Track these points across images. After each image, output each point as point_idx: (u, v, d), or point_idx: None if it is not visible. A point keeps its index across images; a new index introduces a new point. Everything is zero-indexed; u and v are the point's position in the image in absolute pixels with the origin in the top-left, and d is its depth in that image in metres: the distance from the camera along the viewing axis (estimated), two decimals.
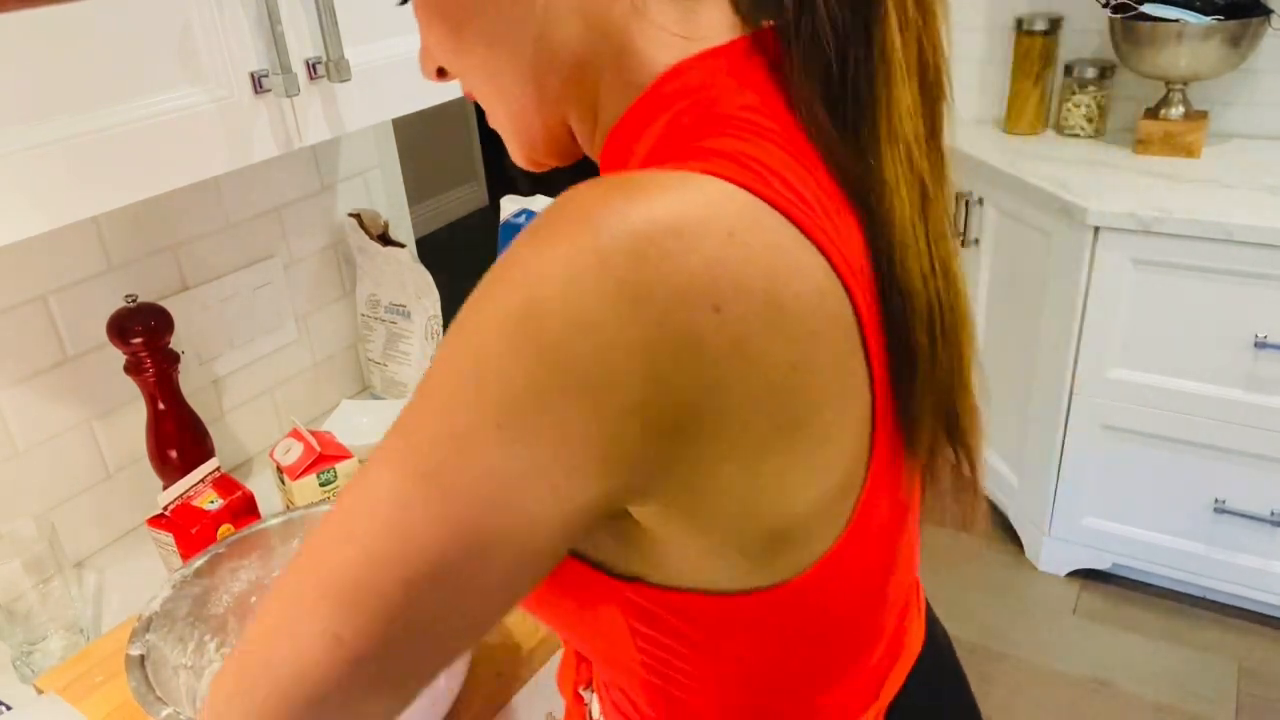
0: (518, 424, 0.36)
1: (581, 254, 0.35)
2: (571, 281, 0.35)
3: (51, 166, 0.66)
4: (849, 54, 0.42)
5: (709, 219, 0.36)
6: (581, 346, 0.35)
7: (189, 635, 0.86)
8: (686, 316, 0.35)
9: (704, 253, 0.36)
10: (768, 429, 0.39)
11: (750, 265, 0.37)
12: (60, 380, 1.05)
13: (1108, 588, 2.15)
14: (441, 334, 1.34)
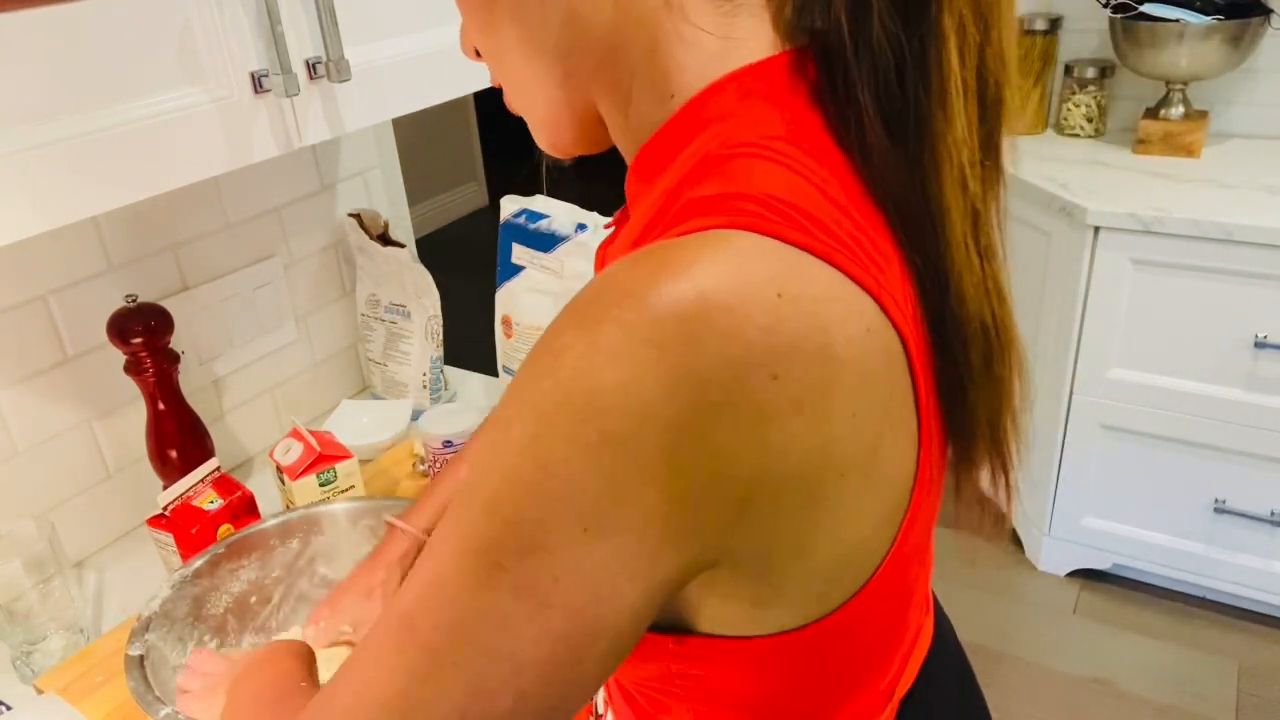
0: (601, 523, 0.36)
1: (637, 345, 0.35)
2: (632, 376, 0.35)
3: (51, 166, 0.66)
4: (905, 74, 0.41)
5: (757, 284, 0.36)
6: (650, 437, 0.35)
7: (188, 635, 0.86)
8: (747, 390, 0.35)
9: (757, 322, 0.35)
10: (831, 477, 0.39)
11: (802, 323, 0.36)
12: (60, 380, 1.05)
13: (1108, 588, 2.15)
14: (441, 334, 1.34)
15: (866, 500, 0.41)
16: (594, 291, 0.37)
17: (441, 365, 1.38)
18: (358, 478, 1.07)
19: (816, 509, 0.40)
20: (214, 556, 0.89)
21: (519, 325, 1.22)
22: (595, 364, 0.35)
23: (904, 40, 0.40)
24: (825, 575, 0.43)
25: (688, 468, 0.36)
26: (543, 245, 1.18)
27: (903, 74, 0.41)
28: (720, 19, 0.45)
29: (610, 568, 0.36)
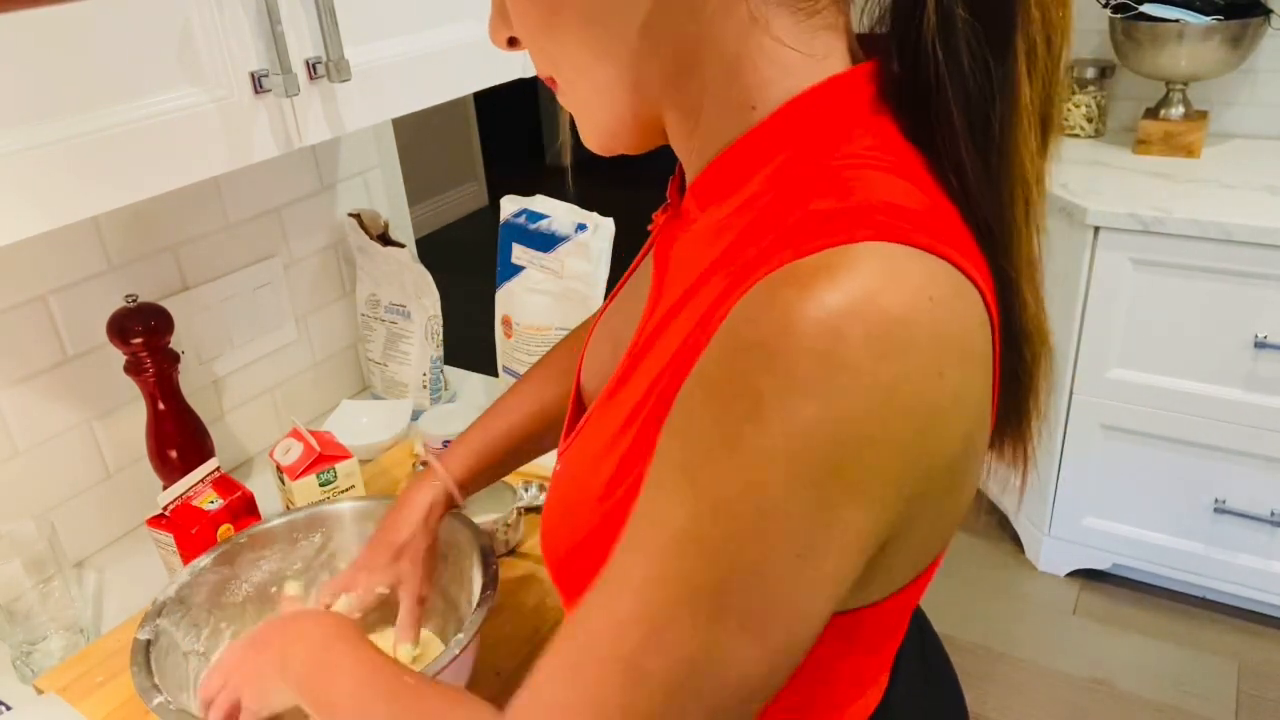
0: (814, 549, 0.39)
1: (834, 372, 0.37)
2: (834, 405, 0.37)
3: (51, 166, 0.66)
4: (992, 98, 0.44)
5: (913, 291, 0.38)
6: (858, 459, 0.38)
7: (204, 621, 0.85)
8: (926, 394, 0.39)
9: (926, 328, 0.38)
10: (968, 463, 0.44)
11: (952, 323, 0.40)
12: (60, 380, 1.05)
13: (1108, 588, 2.15)
14: (441, 334, 1.35)
15: (971, 480, 0.45)
16: (770, 327, 0.38)
17: (441, 365, 1.38)
18: (358, 478, 1.07)
19: (954, 492, 0.44)
20: (234, 545, 0.89)
21: (519, 325, 1.22)
22: (797, 402, 0.37)
23: (991, 64, 0.43)
24: (922, 552, 0.47)
25: (887, 477, 0.39)
26: (543, 245, 1.18)
27: (988, 98, 0.44)
28: (802, 34, 0.46)
29: (818, 586, 0.40)
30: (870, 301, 0.37)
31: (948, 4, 0.43)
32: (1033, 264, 0.48)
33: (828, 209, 0.41)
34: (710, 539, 0.39)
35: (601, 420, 0.53)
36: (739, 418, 0.38)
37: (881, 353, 0.37)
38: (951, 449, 0.41)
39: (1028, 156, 0.45)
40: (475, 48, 0.97)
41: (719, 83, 0.47)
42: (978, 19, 0.43)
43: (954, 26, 0.43)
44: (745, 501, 0.38)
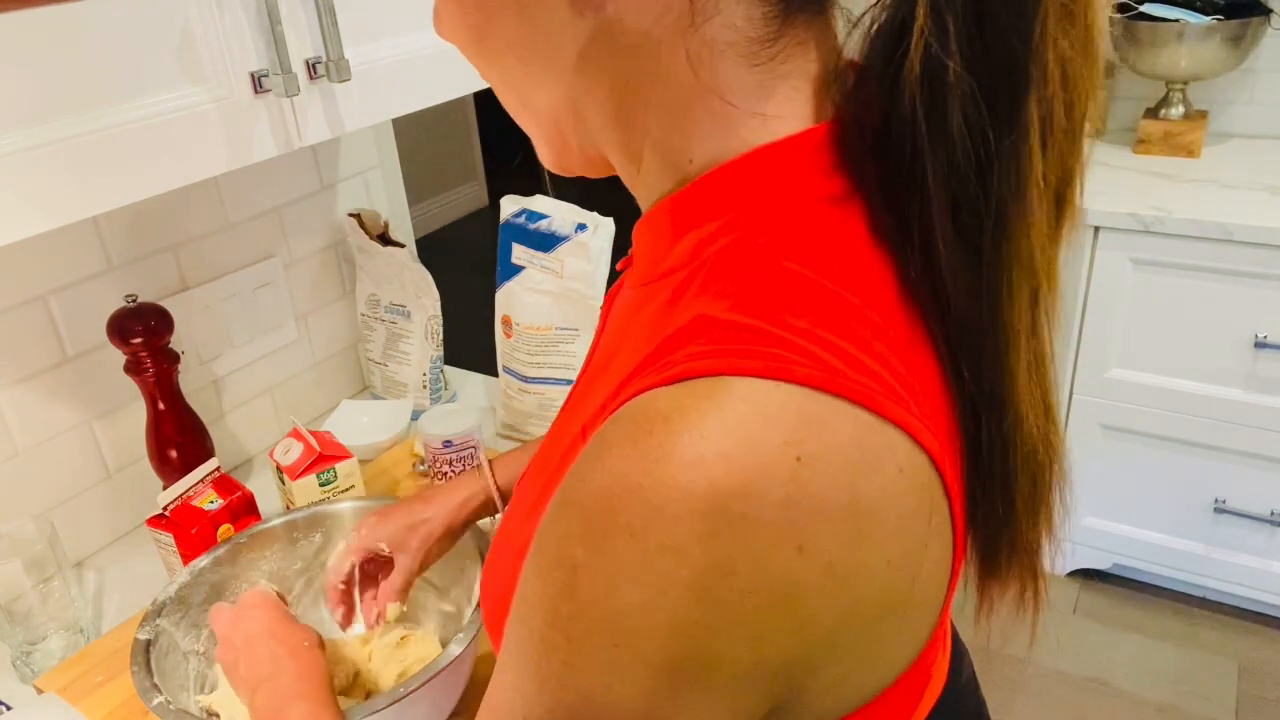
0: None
1: (653, 555, 0.32)
2: (656, 591, 0.32)
3: (51, 166, 0.66)
4: (988, 172, 0.35)
5: (771, 451, 0.32)
6: (684, 647, 0.33)
7: (204, 622, 0.85)
8: (774, 572, 0.33)
9: (775, 498, 0.32)
10: (868, 626, 0.36)
11: (825, 484, 0.33)
12: (60, 380, 1.05)
13: (1108, 588, 2.15)
14: (441, 334, 1.35)
15: (903, 633, 0.39)
16: (596, 485, 0.33)
17: (441, 365, 1.38)
18: (358, 478, 1.07)
19: (860, 650, 0.37)
20: (235, 546, 0.89)
21: (519, 325, 1.22)
22: (614, 586, 0.33)
23: (990, 132, 0.35)
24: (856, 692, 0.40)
25: (738, 667, 0.34)
26: (543, 245, 1.18)
27: (984, 173, 0.35)
28: (751, 86, 0.40)
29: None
30: (704, 472, 0.31)
31: (936, 51, 0.34)
32: (1040, 367, 0.40)
33: (713, 319, 0.36)
34: (535, 714, 0.36)
35: (529, 481, 0.51)
36: (556, 592, 0.34)
37: (711, 532, 0.31)
38: (835, 621, 0.35)
39: (1038, 245, 0.37)
40: None
41: (659, 129, 0.42)
42: (976, 76, 0.34)
43: (942, 80, 0.35)
44: (568, 688, 0.34)
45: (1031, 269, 0.37)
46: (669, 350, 0.36)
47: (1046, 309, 0.39)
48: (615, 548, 0.33)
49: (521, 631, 0.36)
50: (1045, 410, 0.41)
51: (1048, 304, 0.39)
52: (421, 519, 0.84)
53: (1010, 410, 0.39)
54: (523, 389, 1.25)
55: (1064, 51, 0.35)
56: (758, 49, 0.39)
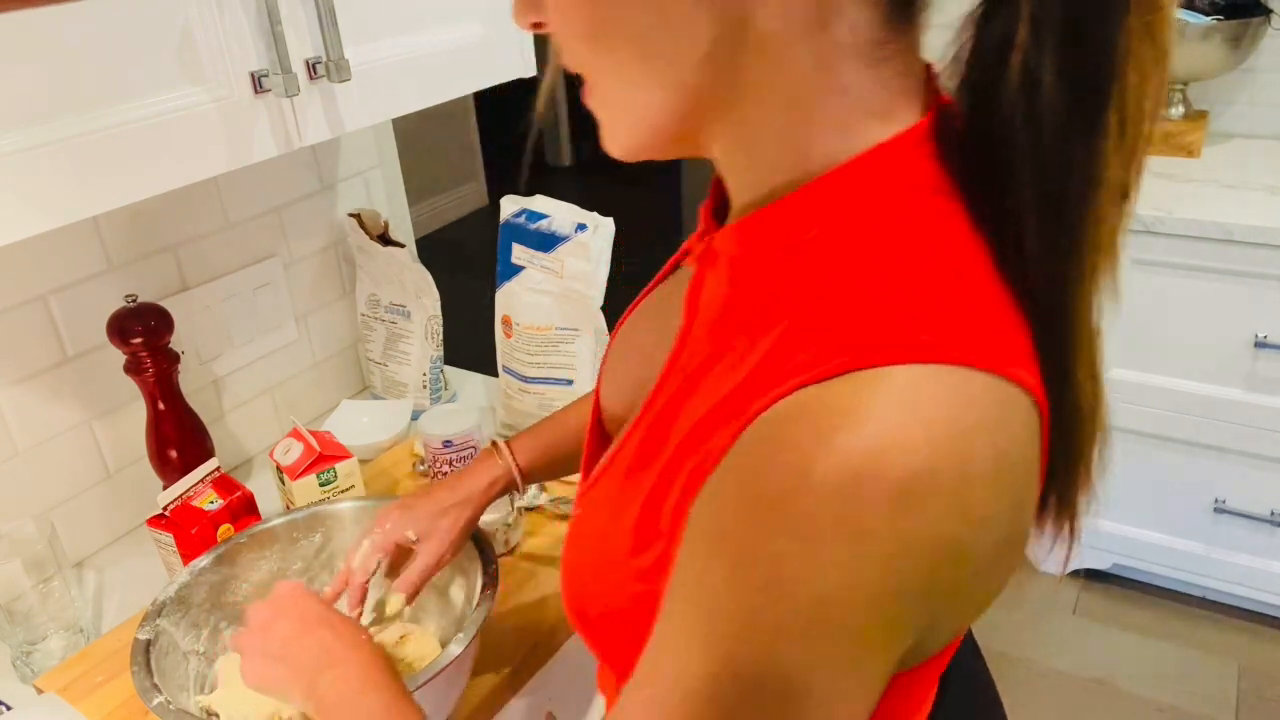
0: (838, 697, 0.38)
1: (853, 540, 0.36)
2: (856, 571, 0.36)
3: (51, 166, 0.66)
4: (1071, 171, 0.40)
5: (941, 429, 0.37)
6: (881, 616, 0.37)
7: (204, 622, 0.85)
8: (947, 538, 0.37)
9: (952, 471, 0.36)
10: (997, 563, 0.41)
11: (981, 452, 0.37)
12: (60, 380, 1.05)
13: (1108, 588, 2.14)
14: (441, 334, 1.35)
15: (1005, 574, 0.43)
16: (787, 482, 0.37)
17: (441, 365, 1.38)
18: (358, 478, 1.07)
19: (971, 601, 0.42)
20: (234, 546, 0.89)
21: (519, 325, 1.22)
22: (819, 571, 0.36)
23: (1074, 138, 0.40)
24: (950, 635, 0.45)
25: (908, 620, 0.39)
26: (543, 245, 1.18)
27: (1068, 172, 0.40)
28: (868, 85, 0.43)
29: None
30: (892, 455, 0.36)
31: (1034, 66, 0.39)
32: (1096, 339, 0.45)
33: (860, 314, 0.40)
34: (726, 704, 0.39)
35: (622, 474, 0.52)
36: (756, 586, 0.38)
37: (904, 508, 0.36)
38: (978, 564, 0.39)
39: (1105, 231, 0.41)
40: (475, 48, 0.97)
41: (778, 123, 0.45)
42: (1068, 84, 0.39)
43: (1039, 90, 0.39)
44: (762, 671, 0.38)
45: (1098, 248, 0.42)
46: (817, 346, 0.40)
47: (1105, 289, 0.43)
48: (818, 537, 0.36)
49: (709, 620, 0.39)
50: (1095, 379, 0.45)
51: (1107, 284, 0.43)
52: (452, 504, 0.83)
53: (1071, 381, 0.44)
54: (523, 389, 1.25)
55: (1142, 68, 0.39)
56: (875, 50, 0.43)
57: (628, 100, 0.47)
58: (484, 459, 0.87)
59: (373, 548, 0.82)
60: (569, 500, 1.08)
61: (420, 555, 0.81)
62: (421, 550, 0.82)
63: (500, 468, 0.86)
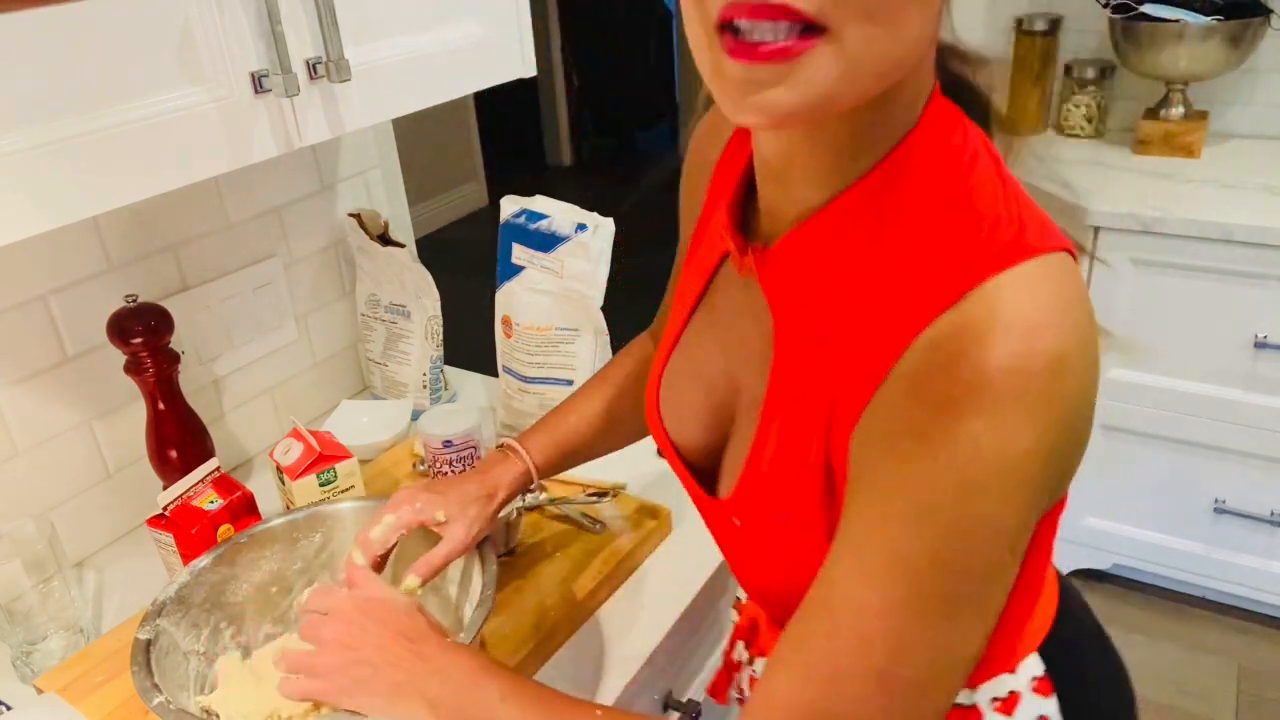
0: (1019, 539, 0.48)
1: (1037, 408, 0.45)
2: (1038, 434, 0.45)
3: (51, 166, 0.66)
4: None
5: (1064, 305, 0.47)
6: (1057, 465, 0.48)
7: (204, 622, 0.85)
8: (1091, 381, 0.48)
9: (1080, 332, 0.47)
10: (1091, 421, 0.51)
11: (1084, 306, 0.48)
12: (60, 380, 1.05)
13: (1108, 588, 2.14)
14: (441, 334, 1.35)
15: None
16: (970, 380, 0.45)
17: (441, 365, 1.38)
18: (358, 478, 1.07)
19: (1089, 434, 0.51)
20: (234, 546, 0.89)
21: (519, 325, 1.22)
22: (1013, 437, 0.45)
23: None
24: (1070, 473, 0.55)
25: (1071, 462, 0.50)
26: (543, 245, 1.18)
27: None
28: (929, 62, 0.54)
29: (1018, 561, 0.49)
30: (1037, 335, 0.45)
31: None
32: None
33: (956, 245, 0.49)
34: (943, 559, 0.47)
35: (775, 471, 0.58)
36: (964, 459, 0.45)
37: (1059, 374, 0.45)
38: (1094, 408, 0.49)
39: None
40: (475, 48, 0.97)
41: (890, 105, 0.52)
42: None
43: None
44: (973, 525, 0.46)
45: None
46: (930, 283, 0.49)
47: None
48: (1003, 412, 0.45)
49: (914, 497, 0.47)
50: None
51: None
52: (481, 495, 0.83)
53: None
54: (523, 389, 1.25)
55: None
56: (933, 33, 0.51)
57: (868, 58, 0.45)
58: (502, 458, 0.88)
59: (397, 523, 0.80)
60: (569, 500, 1.08)
61: (446, 540, 0.81)
62: (447, 534, 0.81)
63: (520, 466, 0.87)
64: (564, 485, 1.11)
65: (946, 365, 0.46)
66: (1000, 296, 0.46)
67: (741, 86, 0.46)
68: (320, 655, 0.66)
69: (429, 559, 0.80)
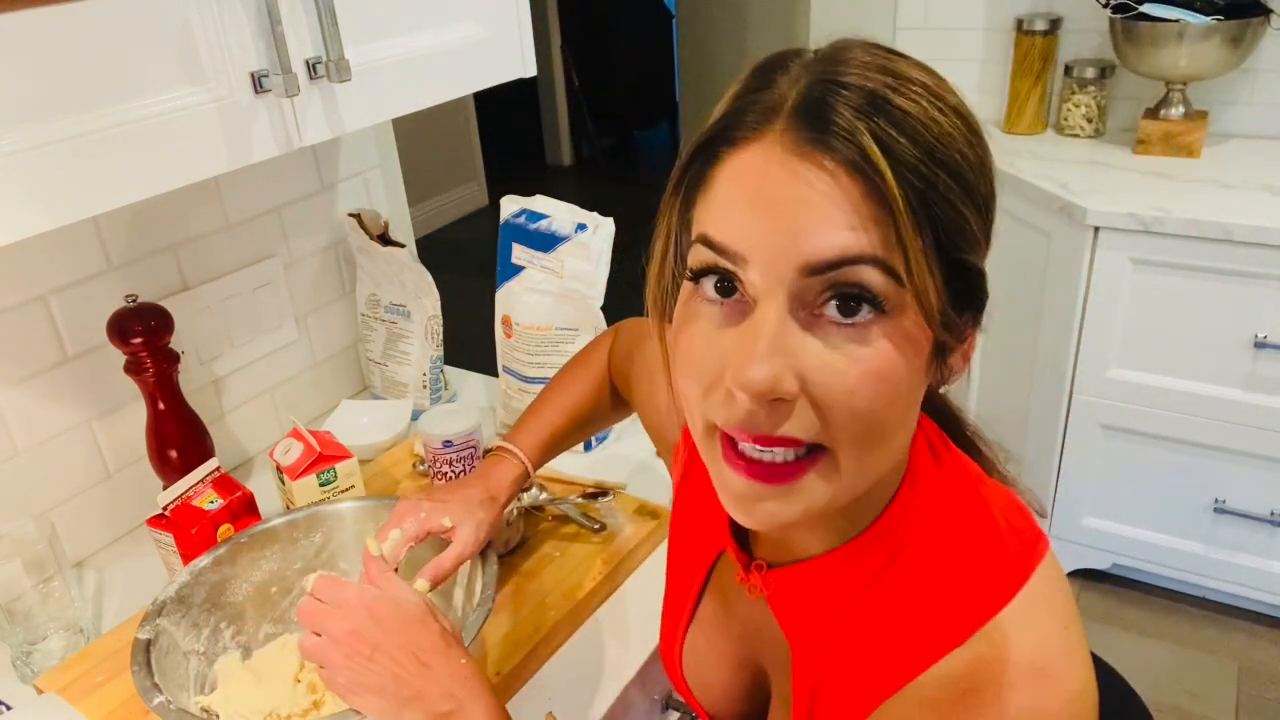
0: None
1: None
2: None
3: (51, 166, 0.66)
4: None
5: (1053, 631, 0.50)
6: None
7: (204, 621, 0.85)
8: (1095, 704, 0.50)
9: (1076, 657, 0.50)
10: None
11: (1078, 626, 0.51)
12: (60, 380, 1.05)
13: (1108, 588, 2.14)
14: (441, 334, 1.35)
15: None
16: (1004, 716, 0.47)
17: (441, 365, 1.38)
18: (358, 478, 1.07)
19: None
20: (235, 546, 0.89)
21: (519, 325, 1.22)
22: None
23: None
24: None
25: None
26: (543, 245, 1.18)
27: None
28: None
29: None
30: (1052, 675, 0.48)
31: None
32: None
33: (958, 584, 0.51)
34: None
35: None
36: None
37: (1078, 703, 0.48)
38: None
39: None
40: (475, 48, 0.97)
41: (889, 478, 0.54)
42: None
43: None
44: None
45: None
46: (935, 620, 0.51)
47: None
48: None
49: None
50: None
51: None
52: (485, 498, 0.85)
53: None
54: (523, 389, 1.25)
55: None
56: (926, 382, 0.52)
57: (862, 473, 0.49)
58: (499, 461, 0.89)
59: (404, 537, 0.81)
60: (568, 500, 1.08)
61: (455, 543, 0.82)
62: (456, 538, 0.82)
63: (519, 468, 0.89)
64: (564, 485, 1.11)
65: (966, 701, 0.48)
66: (1008, 635, 0.48)
67: (743, 498, 0.49)
68: (327, 649, 0.66)
69: (439, 563, 0.80)
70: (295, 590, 0.92)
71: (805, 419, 0.46)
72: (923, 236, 0.44)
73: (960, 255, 0.46)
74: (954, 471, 0.56)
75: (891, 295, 0.44)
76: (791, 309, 0.45)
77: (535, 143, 5.72)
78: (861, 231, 0.43)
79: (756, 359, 0.44)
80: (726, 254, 0.46)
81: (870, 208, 0.43)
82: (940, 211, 0.44)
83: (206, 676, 0.84)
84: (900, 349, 0.45)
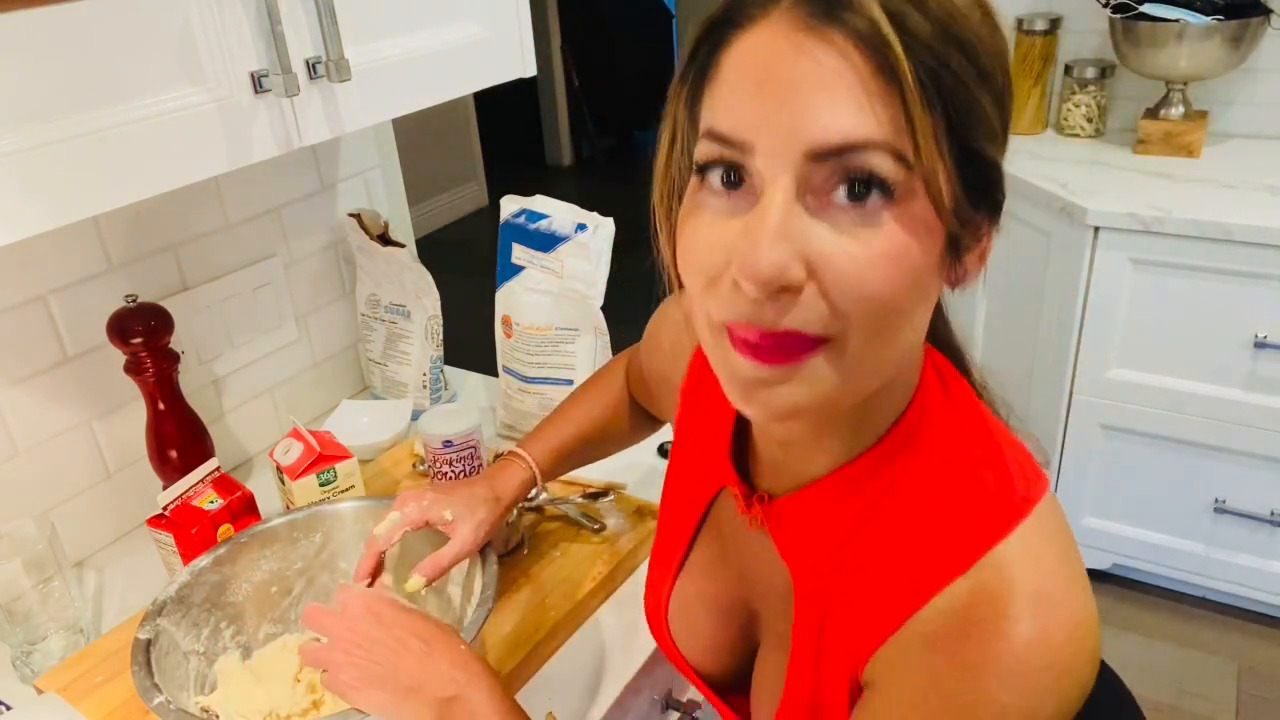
0: None
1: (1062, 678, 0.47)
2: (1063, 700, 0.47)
3: (51, 166, 0.66)
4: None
5: (1054, 568, 0.50)
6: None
7: (204, 621, 0.85)
8: (1097, 645, 0.49)
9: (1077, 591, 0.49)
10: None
11: (1081, 565, 0.52)
12: (60, 380, 1.05)
13: (1108, 588, 2.14)
14: (441, 334, 1.35)
15: None
16: (991, 647, 0.47)
17: (441, 365, 1.38)
18: (358, 478, 1.07)
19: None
20: (235, 546, 0.89)
21: (519, 325, 1.22)
22: (1037, 705, 0.46)
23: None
24: None
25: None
26: (543, 245, 1.18)
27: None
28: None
29: None
30: (1056, 606, 0.47)
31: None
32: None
33: (961, 512, 0.51)
34: None
35: (818, 699, 0.57)
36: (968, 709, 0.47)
37: (1078, 637, 0.47)
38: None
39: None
40: (475, 48, 0.97)
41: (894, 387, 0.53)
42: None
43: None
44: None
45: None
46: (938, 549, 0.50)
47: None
48: (1035, 681, 0.46)
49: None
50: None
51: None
52: (489, 498, 0.84)
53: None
54: (523, 389, 1.25)
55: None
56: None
57: (870, 364, 0.48)
58: (507, 464, 0.89)
59: (402, 520, 0.81)
60: (568, 500, 1.08)
61: (454, 541, 0.81)
62: (455, 535, 0.81)
63: (527, 472, 0.88)
64: (564, 485, 1.11)
65: (969, 631, 0.47)
66: (1011, 565, 0.48)
67: (749, 383, 0.47)
68: (328, 650, 0.66)
69: (436, 559, 0.80)
70: (295, 590, 0.92)
71: (813, 309, 0.44)
72: (932, 115, 0.42)
73: (974, 143, 0.45)
74: (961, 400, 0.56)
75: (901, 181, 0.43)
76: (799, 194, 0.43)
77: (535, 143, 5.72)
78: (869, 112, 0.42)
79: (763, 246, 0.42)
80: (732, 144, 0.44)
81: (880, 85, 0.41)
82: (953, 92, 0.43)
83: (206, 676, 0.84)
84: (912, 232, 0.44)
